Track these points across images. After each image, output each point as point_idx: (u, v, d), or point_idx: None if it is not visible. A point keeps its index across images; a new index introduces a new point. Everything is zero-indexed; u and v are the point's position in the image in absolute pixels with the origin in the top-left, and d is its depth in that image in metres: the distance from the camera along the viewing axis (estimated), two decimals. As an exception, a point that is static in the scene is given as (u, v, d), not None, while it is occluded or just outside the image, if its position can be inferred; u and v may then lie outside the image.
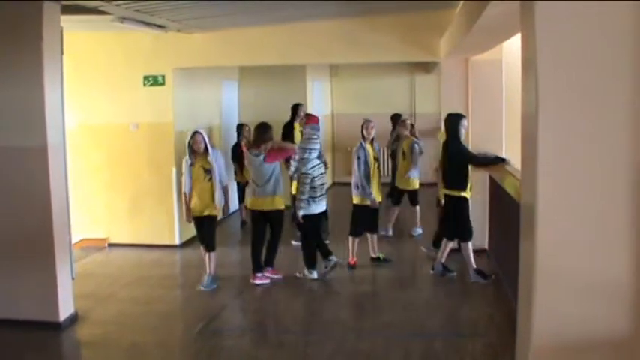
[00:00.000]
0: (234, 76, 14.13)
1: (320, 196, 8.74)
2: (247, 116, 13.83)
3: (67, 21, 7.58)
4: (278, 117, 11.90)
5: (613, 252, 3.80)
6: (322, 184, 8.81)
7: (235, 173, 12.03)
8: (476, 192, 9.67)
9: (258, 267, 8.74)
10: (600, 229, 3.80)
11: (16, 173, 7.08)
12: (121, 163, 10.69)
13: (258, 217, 8.73)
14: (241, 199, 12.05)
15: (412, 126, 11.47)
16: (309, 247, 8.91)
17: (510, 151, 9.02)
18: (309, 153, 8.62)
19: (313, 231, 8.89)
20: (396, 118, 13.22)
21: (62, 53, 7.48)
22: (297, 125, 11.89)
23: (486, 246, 9.82)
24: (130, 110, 10.58)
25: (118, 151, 10.67)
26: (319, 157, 8.87)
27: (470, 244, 8.57)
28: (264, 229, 8.78)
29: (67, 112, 7.79)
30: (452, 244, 8.72)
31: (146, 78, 10.54)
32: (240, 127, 12.15)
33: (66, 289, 7.28)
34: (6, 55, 6.92)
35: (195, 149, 8.39)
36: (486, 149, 9.49)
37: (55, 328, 7.07)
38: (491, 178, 9.33)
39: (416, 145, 10.76)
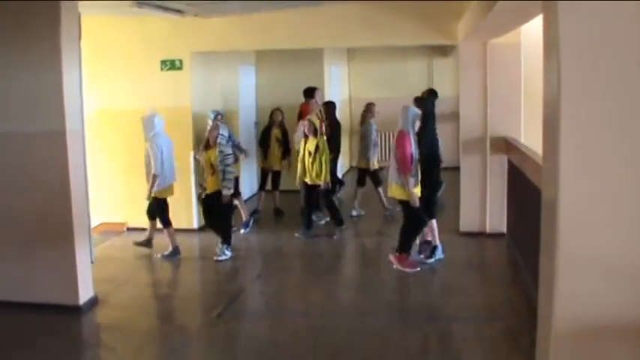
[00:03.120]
0: (252, 60, 14.09)
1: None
2: (264, 100, 13.84)
3: (85, 6, 7.59)
4: (295, 101, 11.87)
5: (636, 236, 3.76)
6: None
7: (265, 158, 11.73)
8: (494, 176, 9.68)
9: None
10: (623, 212, 3.76)
11: (35, 158, 7.12)
12: (140, 148, 10.64)
13: None
14: (262, 186, 11.86)
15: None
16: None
17: (529, 135, 8.97)
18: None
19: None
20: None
21: (80, 38, 7.49)
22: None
23: (504, 230, 9.79)
24: (148, 95, 10.57)
25: (136, 136, 10.63)
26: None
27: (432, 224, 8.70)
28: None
29: (85, 96, 7.81)
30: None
31: (164, 62, 10.53)
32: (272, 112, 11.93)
33: (85, 272, 7.33)
34: (24, 40, 6.93)
35: None
36: (505, 133, 9.46)
37: (74, 311, 7.12)
38: (509, 162, 9.29)
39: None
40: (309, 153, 10.06)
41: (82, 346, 6.68)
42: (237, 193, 10.55)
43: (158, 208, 9.34)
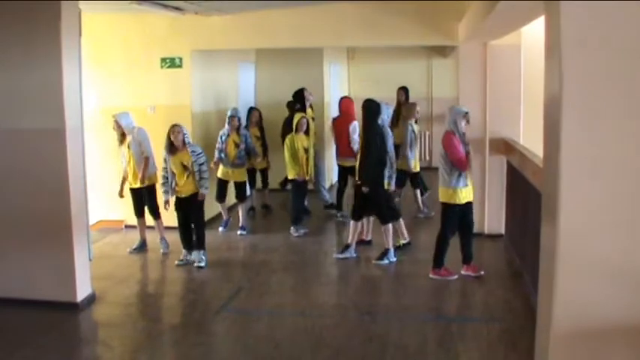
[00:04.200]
0: (251, 59, 14.09)
1: None
2: (264, 98, 13.85)
3: (85, 3, 7.59)
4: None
5: (636, 238, 3.77)
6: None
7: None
8: (493, 177, 9.68)
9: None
10: (623, 214, 3.77)
11: (35, 155, 7.11)
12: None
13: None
14: (252, 184, 11.86)
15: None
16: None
17: (528, 136, 8.98)
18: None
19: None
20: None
21: (80, 35, 7.49)
22: (309, 111, 11.77)
23: (503, 231, 9.80)
24: (147, 92, 10.58)
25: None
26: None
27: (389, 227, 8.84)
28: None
29: (84, 94, 7.80)
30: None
31: (163, 60, 10.53)
32: (250, 111, 11.98)
33: (83, 270, 7.33)
34: (24, 37, 6.92)
35: (120, 130, 9.33)
36: (504, 134, 9.47)
37: (72, 308, 7.13)
38: (508, 164, 9.30)
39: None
40: (306, 150, 10.14)
41: (79, 343, 6.67)
42: (242, 198, 10.71)
43: (151, 197, 9.49)
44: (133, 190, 9.47)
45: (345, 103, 11.29)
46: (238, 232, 10.56)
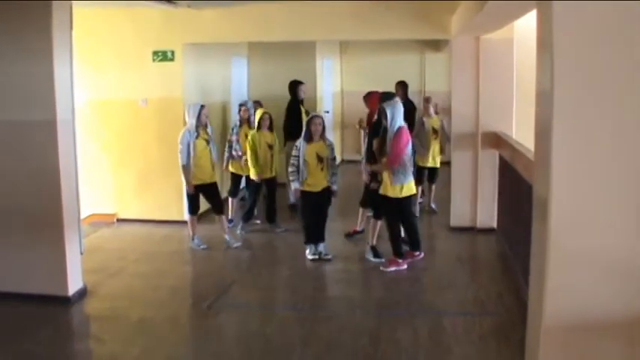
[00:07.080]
0: (244, 52, 14.07)
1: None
2: (256, 93, 13.81)
3: (77, -2, 7.56)
4: (288, 94, 11.86)
5: (628, 231, 3.77)
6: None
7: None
8: (485, 171, 9.69)
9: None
10: (614, 209, 3.77)
11: (26, 148, 7.08)
12: (130, 139, 10.69)
13: None
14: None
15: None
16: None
17: (520, 130, 8.98)
18: None
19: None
20: None
21: (71, 28, 7.45)
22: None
23: (495, 225, 9.82)
24: (139, 86, 10.55)
25: (127, 127, 10.66)
26: None
27: (377, 223, 8.67)
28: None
29: (76, 87, 7.77)
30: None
31: (155, 53, 10.50)
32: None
33: (75, 263, 7.31)
34: (15, 30, 6.89)
35: (204, 122, 9.04)
36: (496, 128, 9.48)
37: (64, 302, 7.11)
38: (500, 157, 9.31)
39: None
40: (270, 146, 10.07)
41: (70, 336, 6.66)
42: (235, 192, 10.73)
43: (219, 194, 9.53)
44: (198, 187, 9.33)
45: None
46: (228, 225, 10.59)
